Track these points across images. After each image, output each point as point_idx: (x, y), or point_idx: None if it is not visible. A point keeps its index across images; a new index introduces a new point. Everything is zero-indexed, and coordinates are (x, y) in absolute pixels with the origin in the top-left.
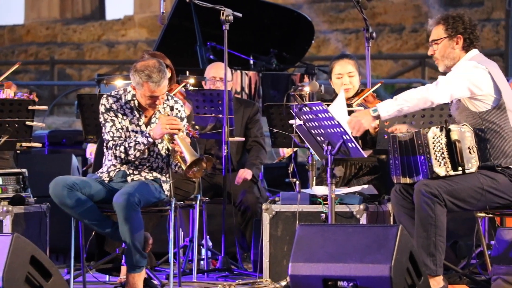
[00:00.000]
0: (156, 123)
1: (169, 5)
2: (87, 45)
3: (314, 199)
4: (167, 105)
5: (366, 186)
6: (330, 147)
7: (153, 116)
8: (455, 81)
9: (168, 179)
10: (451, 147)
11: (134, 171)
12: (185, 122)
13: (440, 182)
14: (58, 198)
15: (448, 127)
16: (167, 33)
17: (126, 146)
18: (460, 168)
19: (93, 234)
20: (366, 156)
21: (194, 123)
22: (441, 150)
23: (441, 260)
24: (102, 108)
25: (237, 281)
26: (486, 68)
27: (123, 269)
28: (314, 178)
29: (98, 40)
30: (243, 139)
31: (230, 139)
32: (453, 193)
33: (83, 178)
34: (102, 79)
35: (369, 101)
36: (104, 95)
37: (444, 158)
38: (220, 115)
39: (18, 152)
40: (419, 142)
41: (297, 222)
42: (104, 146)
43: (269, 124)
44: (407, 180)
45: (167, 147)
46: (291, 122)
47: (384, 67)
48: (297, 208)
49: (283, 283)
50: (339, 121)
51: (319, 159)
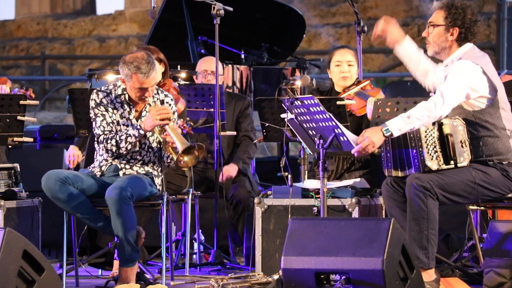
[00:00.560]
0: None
1: None
2: (78, 40)
3: (306, 193)
4: (157, 98)
5: (358, 179)
6: (322, 141)
7: (143, 110)
8: (455, 92)
9: (160, 173)
10: (443, 140)
11: (126, 165)
12: (176, 115)
13: (432, 175)
14: (50, 192)
15: (441, 121)
16: (158, 27)
17: (117, 139)
18: (452, 162)
19: (85, 228)
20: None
21: (189, 119)
22: (433, 144)
23: (433, 253)
24: (92, 103)
25: (229, 275)
26: (481, 68)
27: (116, 263)
28: (306, 172)
29: (89, 35)
30: (234, 133)
31: (222, 133)
32: (445, 186)
33: (75, 172)
34: (93, 74)
35: (367, 89)
36: (94, 90)
37: (436, 151)
38: (212, 109)
39: (10, 147)
40: (411, 136)
41: (289, 216)
42: (95, 140)
43: (260, 118)
44: (399, 173)
45: (159, 140)
46: (282, 116)
47: (375, 61)
48: (289, 202)
49: (276, 276)
50: (330, 115)
51: (311, 153)
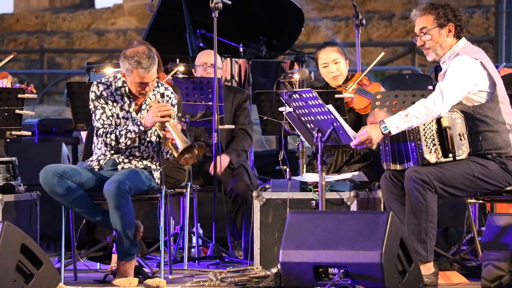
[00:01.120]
0: (147, 110)
1: None
2: (77, 33)
3: (304, 186)
4: (157, 92)
5: (357, 173)
6: (320, 134)
7: (143, 103)
8: (455, 90)
9: (158, 167)
10: (442, 133)
11: (125, 159)
12: (175, 108)
13: (431, 168)
14: (48, 186)
15: None
16: (156, 21)
17: (117, 134)
18: (450, 154)
19: (83, 222)
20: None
21: (181, 115)
22: (431, 137)
23: (432, 247)
24: (92, 95)
25: (228, 268)
26: (480, 62)
27: (114, 257)
28: (305, 165)
29: (87, 29)
30: (233, 127)
31: (220, 127)
32: (443, 179)
33: (73, 166)
34: (91, 68)
35: (364, 84)
36: (94, 82)
37: (434, 145)
38: (210, 103)
39: (8, 140)
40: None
41: (287, 209)
42: (94, 133)
43: (259, 112)
44: (398, 167)
45: (158, 134)
46: (281, 109)
47: (374, 54)
48: (287, 195)
49: (274, 270)
50: (329, 107)
51: (310, 146)
